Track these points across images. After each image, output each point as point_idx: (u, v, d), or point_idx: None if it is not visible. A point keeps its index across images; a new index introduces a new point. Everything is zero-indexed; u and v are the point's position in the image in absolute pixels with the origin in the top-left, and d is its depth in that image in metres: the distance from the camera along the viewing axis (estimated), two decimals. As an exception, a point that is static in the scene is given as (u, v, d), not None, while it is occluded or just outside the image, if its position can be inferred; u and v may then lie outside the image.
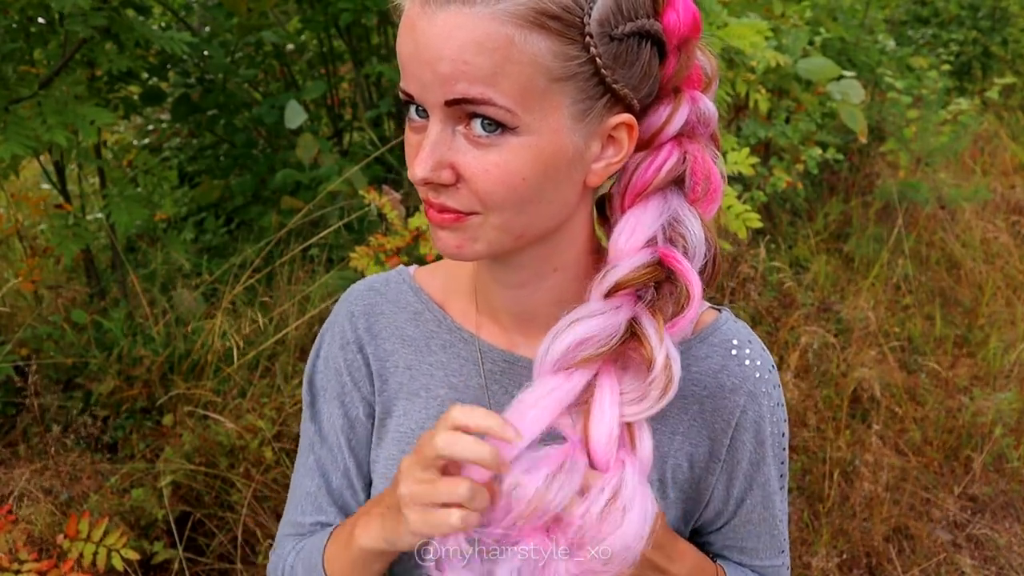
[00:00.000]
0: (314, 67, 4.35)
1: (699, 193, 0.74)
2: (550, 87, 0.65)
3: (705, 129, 0.75)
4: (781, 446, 0.89)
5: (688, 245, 0.72)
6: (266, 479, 2.33)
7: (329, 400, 0.91)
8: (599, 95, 0.68)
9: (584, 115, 0.68)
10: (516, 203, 0.68)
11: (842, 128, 4.28)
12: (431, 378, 0.86)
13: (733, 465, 0.85)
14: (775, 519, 0.90)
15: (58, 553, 1.83)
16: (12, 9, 2.60)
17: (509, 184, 0.67)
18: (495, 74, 0.63)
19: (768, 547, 0.92)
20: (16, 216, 3.42)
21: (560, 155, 0.68)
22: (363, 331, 0.89)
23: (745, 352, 0.84)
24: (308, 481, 0.92)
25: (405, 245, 2.26)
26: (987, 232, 4.31)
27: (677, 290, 0.71)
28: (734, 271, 3.40)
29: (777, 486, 0.90)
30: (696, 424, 0.84)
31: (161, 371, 2.68)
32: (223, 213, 3.99)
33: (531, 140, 0.66)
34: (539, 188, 0.68)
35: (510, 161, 0.66)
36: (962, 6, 7.09)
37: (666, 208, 0.73)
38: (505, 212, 0.69)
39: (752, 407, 0.84)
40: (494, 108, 0.64)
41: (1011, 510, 2.78)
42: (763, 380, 0.84)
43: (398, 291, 0.90)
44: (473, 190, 0.68)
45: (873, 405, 3.05)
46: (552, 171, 0.68)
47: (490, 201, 0.68)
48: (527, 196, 0.68)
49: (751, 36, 2.74)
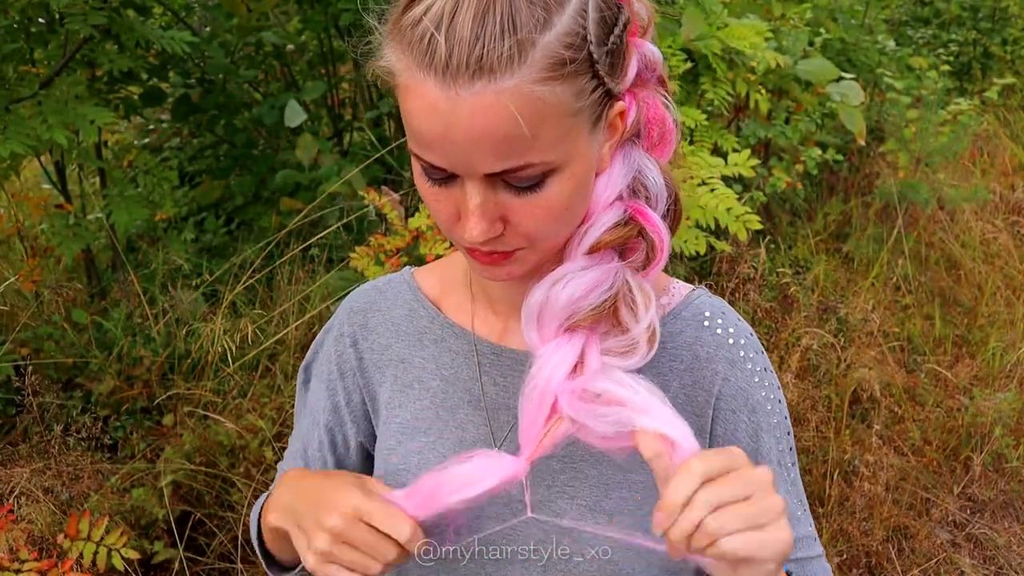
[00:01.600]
0: (314, 67, 4.35)
1: (654, 139, 0.76)
2: (574, 121, 0.67)
3: (652, 74, 0.76)
4: (781, 414, 0.87)
5: (650, 193, 0.75)
6: (266, 479, 2.33)
7: (319, 381, 0.96)
8: (604, 101, 0.70)
9: (596, 124, 0.70)
10: (561, 227, 0.72)
11: (842, 128, 4.28)
12: (423, 371, 0.88)
13: (727, 440, 0.84)
14: (794, 500, 0.86)
15: (58, 552, 1.84)
16: (12, 9, 2.60)
17: (556, 218, 0.70)
18: (533, 138, 0.64)
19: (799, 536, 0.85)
20: (17, 216, 3.42)
21: (589, 168, 0.71)
22: (358, 326, 0.92)
23: (717, 322, 0.85)
24: (295, 443, 1.00)
25: (405, 245, 2.26)
26: (987, 232, 4.31)
27: (647, 242, 0.74)
28: (734, 271, 3.40)
29: (789, 461, 0.87)
30: (679, 400, 0.83)
31: (161, 371, 2.68)
32: (223, 213, 3.99)
33: (567, 172, 0.68)
34: (577, 206, 0.71)
35: (553, 197, 0.68)
36: (963, 7, 7.09)
37: (630, 161, 0.75)
38: (552, 238, 0.72)
39: (733, 375, 0.83)
40: (535, 167, 0.66)
41: (1010, 510, 2.78)
42: (739, 346, 0.84)
43: (397, 290, 0.93)
44: (522, 232, 0.70)
45: (873, 405, 3.05)
46: (585, 184, 0.71)
47: (539, 237, 0.71)
48: (569, 220, 0.72)
49: (751, 37, 2.74)
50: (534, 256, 0.73)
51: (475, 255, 0.73)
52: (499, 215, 0.68)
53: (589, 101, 0.67)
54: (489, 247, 0.71)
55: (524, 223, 0.69)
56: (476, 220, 0.67)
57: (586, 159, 0.69)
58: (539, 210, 0.68)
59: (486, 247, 0.71)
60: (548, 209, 0.68)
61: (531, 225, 0.69)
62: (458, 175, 0.67)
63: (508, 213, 0.69)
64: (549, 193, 0.68)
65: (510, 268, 0.73)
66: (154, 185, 3.15)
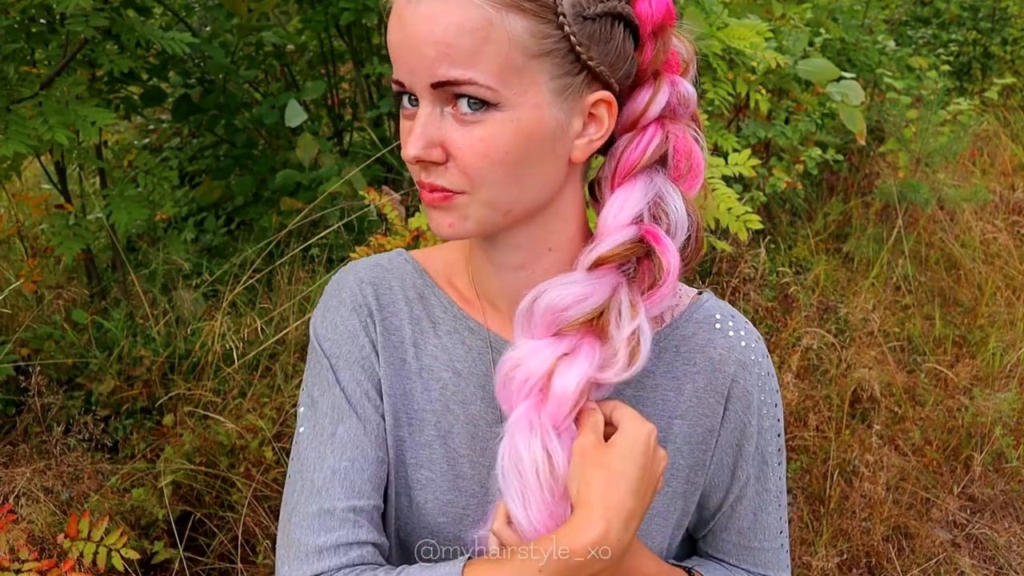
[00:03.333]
0: (314, 67, 4.35)
1: (682, 171, 0.78)
2: (528, 63, 0.69)
3: (685, 110, 0.79)
4: (775, 417, 0.89)
5: (670, 222, 0.76)
6: (266, 479, 2.33)
7: (349, 365, 0.84)
8: (576, 71, 0.72)
9: (563, 91, 0.71)
10: (501, 177, 0.72)
11: (842, 128, 4.28)
12: (436, 360, 0.86)
13: (724, 436, 0.86)
14: (770, 495, 0.90)
15: (58, 553, 1.84)
16: (13, 9, 2.60)
17: (493, 158, 0.70)
18: (476, 54, 0.67)
19: (764, 527, 0.91)
20: (17, 216, 3.42)
21: (542, 129, 0.71)
22: (372, 298, 0.86)
23: (728, 324, 0.87)
24: (333, 458, 0.79)
25: (405, 245, 2.26)
26: (987, 232, 4.31)
27: (654, 264, 0.74)
28: (734, 271, 3.40)
29: (775, 461, 0.90)
30: (693, 403, 0.85)
31: (161, 371, 2.68)
32: (223, 213, 4.00)
33: (513, 114, 0.70)
34: (522, 162, 0.72)
35: (493, 135, 0.70)
36: (963, 7, 7.09)
37: (651, 186, 0.76)
38: (491, 187, 0.72)
39: (742, 376, 0.85)
40: (476, 87, 0.68)
41: (1011, 510, 2.78)
42: (750, 349, 0.86)
43: (402, 269, 0.90)
44: (461, 167, 0.71)
45: (873, 405, 3.06)
46: (535, 145, 0.72)
47: (476, 176, 0.71)
48: (511, 170, 0.72)
49: (751, 37, 2.74)
50: (477, 208, 0.73)
51: (423, 194, 0.74)
52: (439, 140, 0.71)
53: (551, 53, 0.70)
54: (431, 179, 0.72)
55: (463, 156, 0.70)
56: (416, 135, 0.71)
57: (538, 116, 0.71)
58: (478, 144, 0.70)
59: (428, 177, 0.72)
60: (486, 146, 0.70)
61: (469, 159, 0.70)
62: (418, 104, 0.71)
63: (448, 143, 0.71)
64: (490, 128, 0.69)
65: (452, 217, 0.74)
66: (154, 185, 3.15)
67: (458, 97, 0.69)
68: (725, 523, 0.91)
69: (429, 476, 0.85)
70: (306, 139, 3.38)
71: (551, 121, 0.72)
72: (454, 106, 0.70)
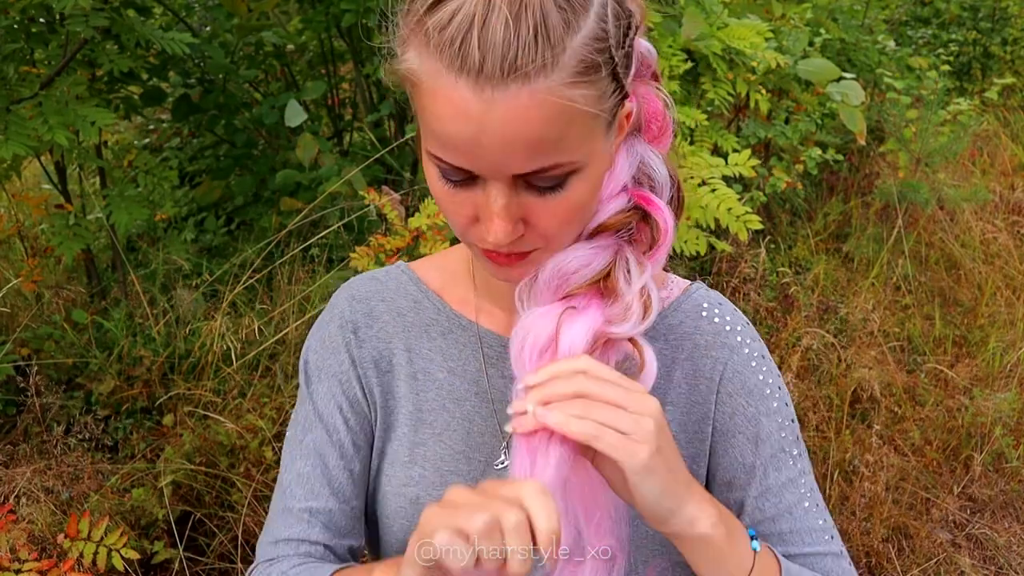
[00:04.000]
0: (314, 67, 4.35)
1: (655, 132, 0.79)
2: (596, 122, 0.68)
3: (647, 70, 0.79)
4: (782, 400, 0.86)
5: (655, 183, 0.77)
6: (266, 479, 2.33)
7: (326, 379, 0.90)
8: (617, 100, 0.71)
9: (611, 125, 0.71)
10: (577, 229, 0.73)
11: (842, 128, 4.28)
12: (430, 362, 0.89)
13: (727, 425, 0.85)
14: (799, 488, 0.84)
15: (58, 552, 1.84)
16: (13, 9, 2.60)
17: (576, 218, 0.72)
18: (563, 139, 0.65)
19: (807, 527, 0.84)
20: (17, 216, 3.42)
21: (605, 169, 0.73)
22: (361, 314, 0.90)
23: (715, 311, 0.87)
24: (300, 463, 0.88)
25: (405, 245, 2.26)
26: (987, 232, 4.31)
27: (651, 225, 0.76)
28: (734, 271, 3.40)
29: (793, 450, 0.85)
30: (683, 390, 0.86)
31: (161, 371, 2.68)
32: (223, 213, 4.00)
33: (588, 172, 0.69)
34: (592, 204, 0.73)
35: (574, 197, 0.69)
36: (963, 7, 7.09)
37: (633, 153, 0.77)
38: (566, 240, 0.73)
39: (732, 359, 0.86)
40: (562, 168, 0.67)
41: (1010, 510, 2.78)
42: (736, 332, 0.87)
43: (398, 281, 0.93)
44: (540, 233, 0.71)
45: (873, 405, 3.05)
46: (599, 186, 0.73)
47: (556, 237, 0.72)
48: (585, 219, 0.73)
49: (751, 37, 2.74)
50: (547, 256, 0.74)
51: (492, 256, 0.73)
52: (520, 216, 0.69)
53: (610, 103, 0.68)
54: (508, 248, 0.71)
55: (543, 223, 0.70)
56: (501, 222, 0.68)
57: (602, 159, 0.71)
58: (560, 210, 0.69)
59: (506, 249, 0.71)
60: (568, 209, 0.69)
61: (551, 225, 0.70)
62: (479, 176, 0.67)
63: (529, 214, 0.69)
64: (571, 193, 0.69)
65: (523, 269, 0.74)
66: (154, 185, 3.15)
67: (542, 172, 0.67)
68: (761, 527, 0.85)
69: (422, 473, 0.87)
70: (306, 139, 3.38)
71: (608, 156, 0.73)
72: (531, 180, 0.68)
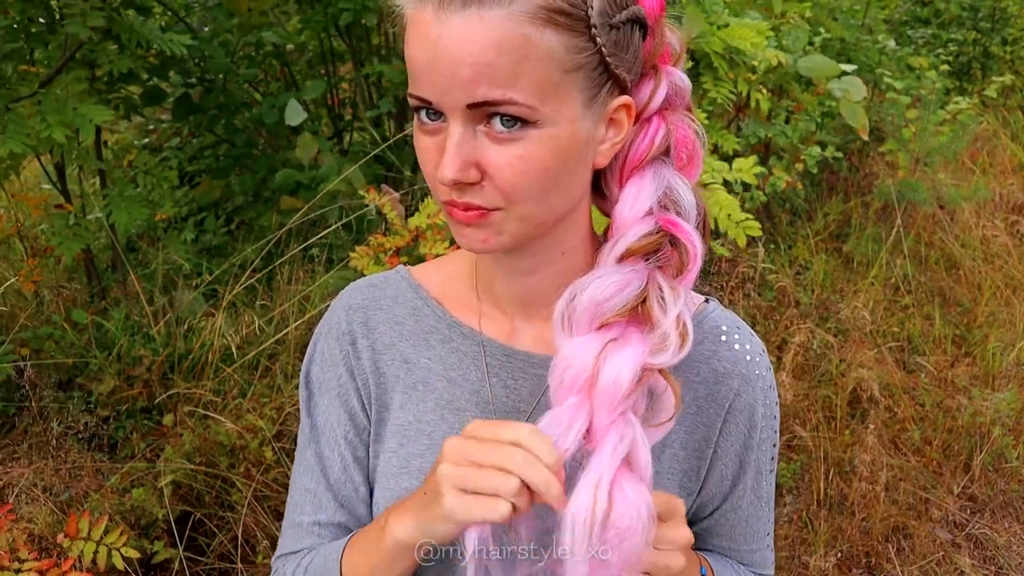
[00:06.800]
0: (314, 67, 4.35)
1: (684, 160, 0.79)
2: (564, 79, 0.68)
3: (681, 100, 0.79)
4: (773, 428, 0.90)
5: (681, 209, 0.76)
6: (266, 479, 2.33)
7: (325, 393, 0.90)
8: (604, 81, 0.71)
9: (592, 101, 0.71)
10: (539, 193, 0.71)
11: (842, 128, 4.28)
12: (429, 371, 0.87)
13: (725, 449, 0.87)
14: (762, 502, 0.92)
15: (58, 552, 1.84)
16: (12, 9, 2.60)
17: (532, 175, 0.70)
18: (515, 73, 0.66)
19: (755, 531, 0.93)
20: (17, 216, 3.42)
21: (576, 142, 0.71)
22: (358, 324, 0.89)
23: (735, 337, 0.87)
24: (306, 478, 0.91)
25: (405, 245, 2.26)
26: (986, 232, 4.31)
27: (680, 250, 0.75)
28: (733, 271, 3.40)
29: (768, 468, 0.92)
30: (691, 411, 0.85)
31: (161, 371, 2.68)
32: (223, 213, 3.99)
33: (550, 131, 0.69)
34: (559, 176, 0.72)
35: (532, 153, 0.69)
36: (963, 7, 7.09)
37: (660, 177, 0.77)
38: (528, 203, 0.72)
39: (746, 390, 0.86)
40: (516, 107, 0.67)
41: (1010, 510, 2.78)
42: (755, 363, 0.87)
43: (397, 287, 0.91)
44: (497, 185, 0.70)
45: (872, 405, 3.06)
46: (570, 158, 0.72)
47: (514, 194, 0.70)
48: (549, 185, 0.71)
49: (751, 36, 2.74)
50: (511, 223, 0.72)
51: (453, 212, 0.72)
52: (475, 160, 0.69)
53: (584, 67, 0.69)
54: (465, 198, 0.71)
55: (499, 175, 0.69)
56: (451, 156, 0.68)
57: (572, 130, 0.70)
58: (516, 162, 0.69)
59: (462, 197, 0.71)
60: (525, 164, 0.69)
61: (508, 178, 0.69)
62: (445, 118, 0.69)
63: (485, 162, 0.69)
64: (528, 146, 0.68)
65: (486, 233, 0.73)
66: (154, 185, 3.15)
67: (492, 115, 0.68)
68: (716, 528, 0.93)
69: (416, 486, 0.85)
70: (306, 138, 3.38)
71: (583, 133, 0.72)
72: (487, 124, 0.68)
